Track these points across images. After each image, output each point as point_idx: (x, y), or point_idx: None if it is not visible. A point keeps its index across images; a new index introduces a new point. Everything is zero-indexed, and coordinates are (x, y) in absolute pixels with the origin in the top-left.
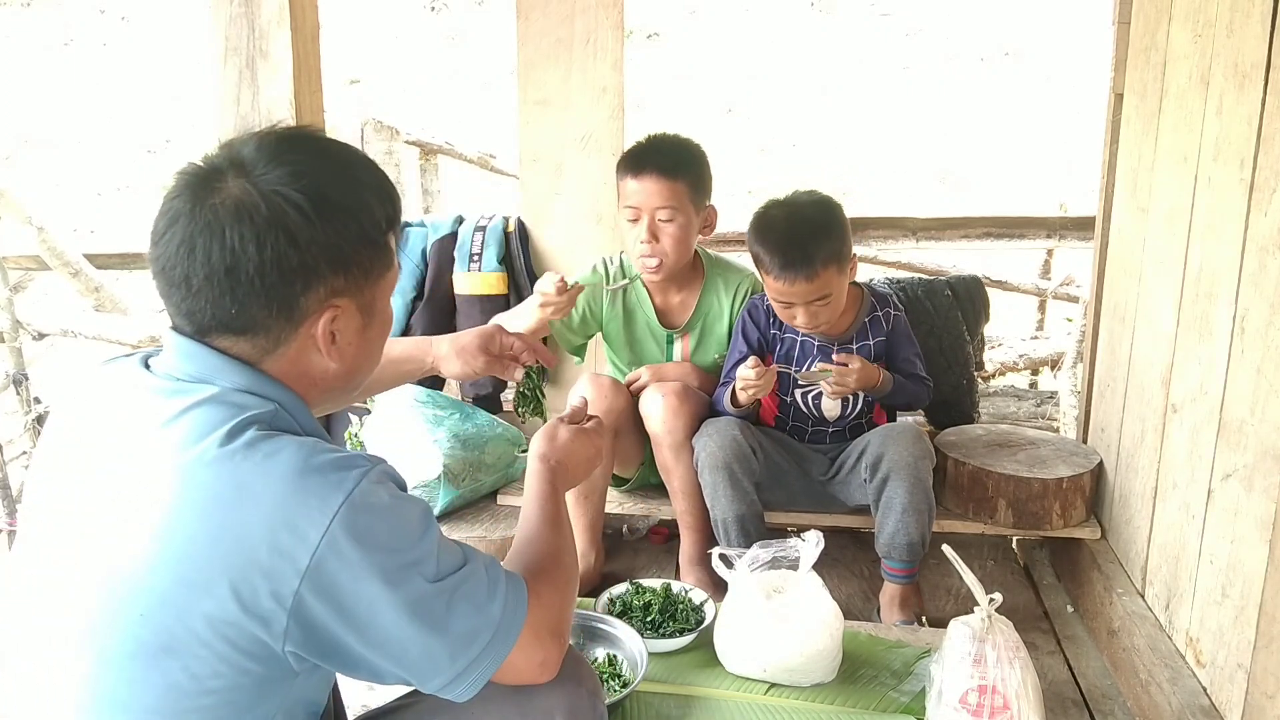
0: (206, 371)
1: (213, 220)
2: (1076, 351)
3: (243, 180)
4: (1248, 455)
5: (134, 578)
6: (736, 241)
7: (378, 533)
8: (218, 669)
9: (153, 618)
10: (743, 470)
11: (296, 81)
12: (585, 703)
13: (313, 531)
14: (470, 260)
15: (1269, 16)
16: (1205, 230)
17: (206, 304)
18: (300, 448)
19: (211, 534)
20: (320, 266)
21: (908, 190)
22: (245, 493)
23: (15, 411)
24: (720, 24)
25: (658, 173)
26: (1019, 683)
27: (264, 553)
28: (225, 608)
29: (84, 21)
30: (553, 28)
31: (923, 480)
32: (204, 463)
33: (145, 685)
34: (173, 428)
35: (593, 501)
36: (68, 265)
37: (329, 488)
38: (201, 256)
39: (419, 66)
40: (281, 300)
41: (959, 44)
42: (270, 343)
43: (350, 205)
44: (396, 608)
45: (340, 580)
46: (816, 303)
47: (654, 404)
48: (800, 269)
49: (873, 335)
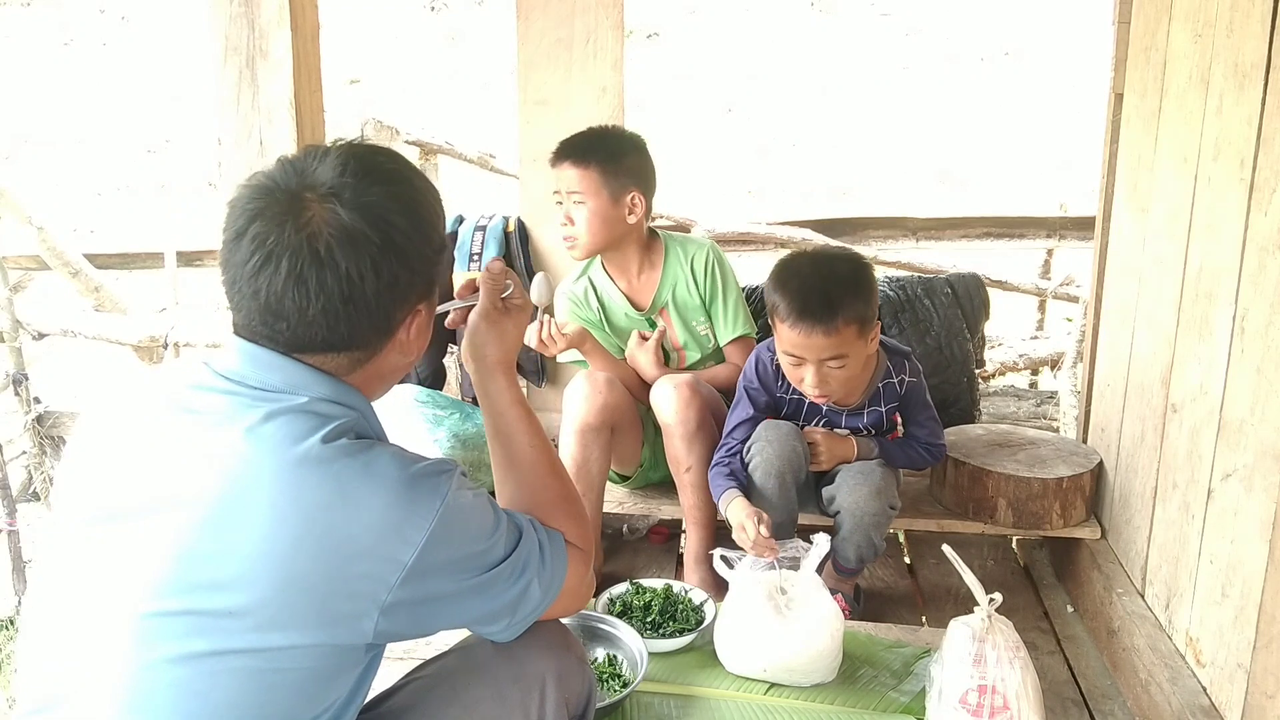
0: (292, 383)
1: (323, 252)
2: (1076, 351)
3: (333, 205)
4: (1248, 455)
5: (225, 571)
6: (737, 241)
7: (467, 529)
8: (298, 661)
9: (243, 612)
10: (793, 480)
11: (296, 81)
12: (574, 666)
13: (416, 534)
14: (470, 260)
15: (1269, 16)
16: (1205, 230)
17: (319, 330)
18: (395, 456)
19: (316, 536)
20: (423, 280)
21: (907, 190)
22: (350, 499)
23: (15, 411)
24: (720, 24)
25: (569, 160)
26: (1019, 683)
27: (368, 556)
28: (321, 605)
29: (84, 21)
30: (553, 28)
31: (865, 529)
32: (305, 465)
33: (230, 676)
34: (263, 431)
35: (590, 500)
36: (68, 265)
37: (429, 493)
38: (316, 288)
39: (419, 66)
40: (385, 317)
41: (959, 44)
42: (367, 355)
43: (432, 219)
44: (475, 592)
45: (431, 576)
46: (830, 362)
47: (666, 394)
48: (819, 319)
49: (885, 402)
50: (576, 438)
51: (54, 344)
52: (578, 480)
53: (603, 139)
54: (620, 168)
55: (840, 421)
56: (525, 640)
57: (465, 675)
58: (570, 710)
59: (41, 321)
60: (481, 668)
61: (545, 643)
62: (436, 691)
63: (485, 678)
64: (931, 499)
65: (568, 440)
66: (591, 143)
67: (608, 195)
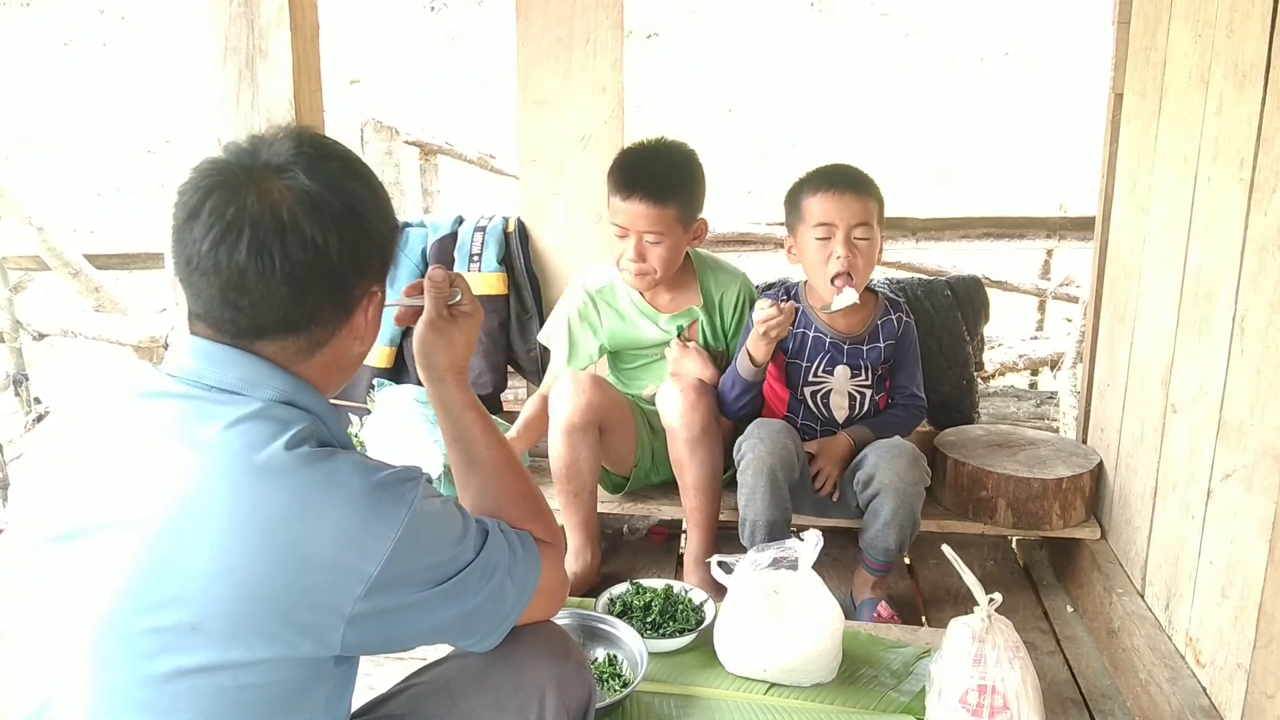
0: (248, 379)
1: (287, 219)
2: (1076, 351)
3: (292, 175)
4: (1247, 455)
5: (185, 588)
6: (737, 241)
7: (434, 537)
8: (265, 675)
9: (204, 628)
10: (785, 477)
11: (296, 81)
12: (574, 672)
13: (380, 545)
14: (470, 260)
15: (1269, 16)
16: (1205, 230)
17: (281, 305)
18: (358, 465)
19: (276, 548)
20: (379, 255)
21: (907, 190)
22: (311, 510)
23: (15, 412)
24: (720, 24)
25: (646, 197)
26: (1019, 682)
27: (330, 568)
28: (284, 618)
29: (83, 21)
30: (552, 27)
31: (909, 502)
32: (264, 476)
33: (194, 695)
34: (220, 441)
35: (582, 499)
36: (68, 265)
37: (394, 502)
38: (280, 256)
39: (419, 66)
40: (345, 291)
41: (959, 44)
42: (326, 335)
43: (386, 197)
44: (445, 598)
45: (398, 587)
46: (857, 230)
47: (672, 397)
48: (851, 184)
49: (884, 338)
50: (563, 438)
51: (54, 344)
52: (569, 480)
53: (676, 168)
54: (694, 197)
55: (843, 357)
56: (525, 647)
57: (464, 682)
58: (570, 717)
59: (41, 322)
60: (481, 675)
61: (545, 649)
62: (434, 698)
63: (485, 685)
64: (931, 499)
65: (555, 441)
66: (667, 177)
67: (682, 229)
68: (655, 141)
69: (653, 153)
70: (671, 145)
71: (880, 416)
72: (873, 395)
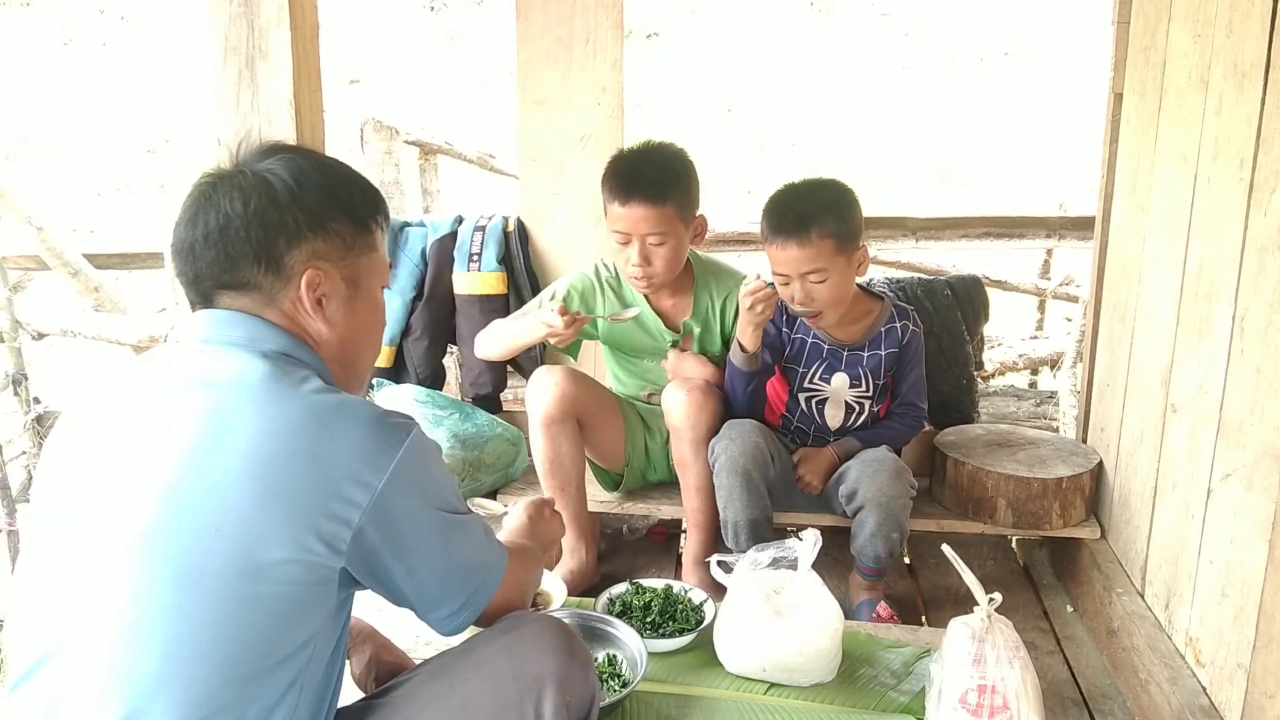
0: (253, 336)
1: (211, 194)
2: (1076, 351)
3: (238, 168)
4: (1247, 455)
5: (210, 497)
6: (737, 241)
7: (429, 470)
8: (280, 588)
9: (228, 533)
10: (760, 475)
11: (296, 81)
12: (578, 671)
13: (385, 460)
14: (470, 260)
15: (1269, 16)
16: (1205, 230)
17: (206, 265)
18: (363, 401)
19: (297, 453)
20: (299, 225)
21: (907, 190)
22: (327, 425)
23: (15, 411)
24: (720, 24)
25: (644, 200)
26: (1019, 682)
27: (342, 477)
28: (300, 525)
29: (83, 21)
30: (552, 27)
31: (894, 514)
32: (285, 398)
33: (212, 597)
34: (241, 374)
35: (570, 494)
36: (67, 265)
37: (398, 431)
38: (201, 224)
39: (419, 66)
40: (269, 255)
41: (959, 44)
42: (266, 297)
43: (328, 185)
44: (432, 532)
45: (398, 505)
46: (811, 276)
47: (677, 398)
48: (792, 233)
49: (885, 345)
50: (543, 432)
51: (54, 344)
52: (553, 475)
53: (670, 168)
54: (690, 194)
55: (841, 364)
56: (528, 641)
57: (465, 669)
58: (571, 715)
59: (41, 321)
60: (482, 663)
61: (549, 645)
62: (435, 683)
63: (484, 673)
64: (931, 499)
65: (536, 436)
66: (662, 177)
67: (683, 227)
68: (644, 145)
69: (644, 155)
70: (661, 146)
71: (873, 429)
72: (873, 405)
